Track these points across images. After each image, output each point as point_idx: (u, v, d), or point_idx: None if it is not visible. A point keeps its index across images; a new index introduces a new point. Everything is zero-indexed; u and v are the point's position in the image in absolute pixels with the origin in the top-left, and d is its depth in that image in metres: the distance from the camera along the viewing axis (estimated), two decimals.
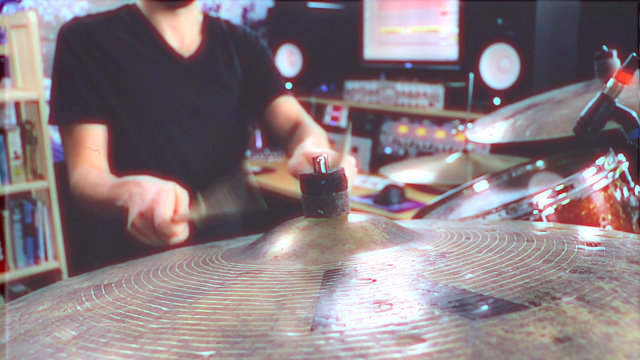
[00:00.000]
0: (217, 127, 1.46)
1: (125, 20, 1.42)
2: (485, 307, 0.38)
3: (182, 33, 1.45)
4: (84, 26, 1.38)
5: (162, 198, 0.95)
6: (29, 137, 2.69)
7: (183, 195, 0.98)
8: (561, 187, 0.96)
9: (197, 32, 1.48)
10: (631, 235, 0.56)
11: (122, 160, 1.35)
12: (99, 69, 1.35)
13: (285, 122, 1.51)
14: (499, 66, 2.37)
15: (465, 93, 2.03)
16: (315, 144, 1.24)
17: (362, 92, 2.98)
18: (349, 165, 1.13)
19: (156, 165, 1.35)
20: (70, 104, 1.35)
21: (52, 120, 1.38)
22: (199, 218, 0.94)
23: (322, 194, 0.56)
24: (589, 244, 0.51)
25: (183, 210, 0.96)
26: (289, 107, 1.54)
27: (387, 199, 2.35)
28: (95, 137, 1.33)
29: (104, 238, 1.53)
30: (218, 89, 1.47)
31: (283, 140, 1.53)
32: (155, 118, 1.39)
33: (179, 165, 1.39)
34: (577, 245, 0.51)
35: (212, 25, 1.51)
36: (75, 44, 1.35)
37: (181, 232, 0.97)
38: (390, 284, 0.43)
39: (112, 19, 1.42)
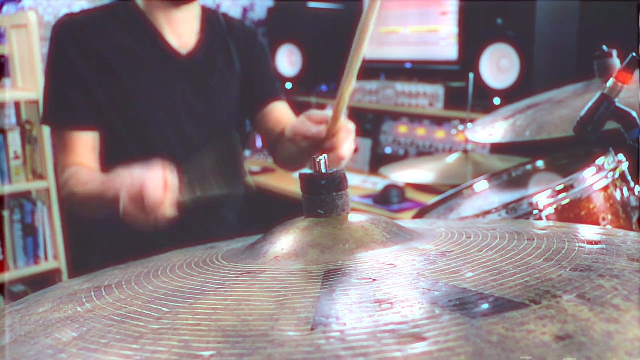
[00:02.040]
0: (215, 127, 1.44)
1: (121, 16, 1.37)
2: (485, 306, 0.38)
3: (181, 30, 1.41)
4: (77, 26, 1.34)
5: (151, 180, 0.99)
6: (29, 137, 2.69)
7: (171, 177, 1.02)
8: (561, 187, 0.96)
9: (196, 28, 1.44)
10: (631, 233, 0.56)
11: (116, 162, 1.31)
12: (92, 72, 1.32)
13: (274, 127, 1.50)
14: (499, 66, 2.37)
15: (465, 93, 2.04)
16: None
17: (362, 92, 2.98)
18: (346, 131, 1.11)
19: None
20: (61, 110, 1.33)
21: (44, 121, 1.39)
22: (187, 198, 0.99)
23: (322, 194, 0.56)
24: (590, 242, 0.51)
25: (172, 191, 1.00)
26: (281, 112, 1.52)
27: (387, 199, 2.35)
28: (85, 143, 1.32)
29: (101, 237, 1.53)
30: (217, 89, 1.44)
31: (270, 143, 1.53)
32: (151, 120, 1.36)
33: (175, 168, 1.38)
34: (577, 244, 0.51)
35: (210, 21, 1.46)
36: (68, 45, 1.32)
37: (171, 210, 1.00)
38: (390, 283, 0.43)
39: (108, 16, 1.37)
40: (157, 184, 0.99)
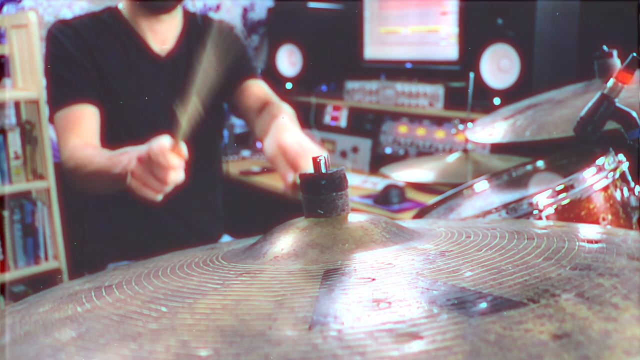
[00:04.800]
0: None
1: (108, 22, 1.50)
2: (484, 305, 0.38)
3: (163, 35, 1.52)
4: (70, 27, 1.46)
5: (159, 143, 1.00)
6: (29, 137, 2.69)
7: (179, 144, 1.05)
8: (561, 187, 0.96)
9: (177, 32, 1.54)
10: (632, 232, 0.56)
11: (110, 145, 1.38)
12: (87, 62, 1.43)
13: (253, 103, 1.52)
14: (499, 66, 2.37)
15: (465, 93, 2.03)
16: (288, 121, 1.18)
17: (362, 92, 2.98)
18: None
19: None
20: (63, 90, 1.43)
21: (51, 112, 1.44)
22: (185, 127, 1.00)
23: (322, 194, 0.56)
24: (590, 242, 0.51)
25: (180, 154, 1.01)
26: (258, 89, 1.55)
27: (387, 199, 2.35)
28: (88, 117, 1.40)
29: (98, 231, 1.57)
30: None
31: (250, 120, 1.53)
32: (136, 114, 1.47)
33: None
34: (577, 243, 0.51)
35: (190, 22, 1.57)
36: (64, 39, 1.43)
37: (178, 167, 1.01)
38: (389, 282, 0.43)
39: (96, 21, 1.50)
40: (166, 146, 1.00)
